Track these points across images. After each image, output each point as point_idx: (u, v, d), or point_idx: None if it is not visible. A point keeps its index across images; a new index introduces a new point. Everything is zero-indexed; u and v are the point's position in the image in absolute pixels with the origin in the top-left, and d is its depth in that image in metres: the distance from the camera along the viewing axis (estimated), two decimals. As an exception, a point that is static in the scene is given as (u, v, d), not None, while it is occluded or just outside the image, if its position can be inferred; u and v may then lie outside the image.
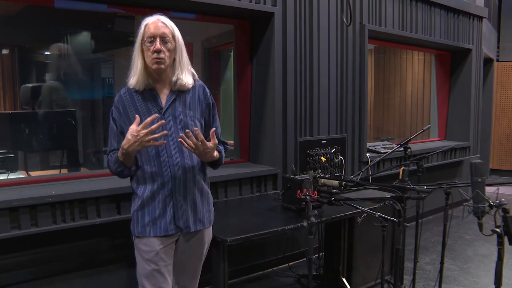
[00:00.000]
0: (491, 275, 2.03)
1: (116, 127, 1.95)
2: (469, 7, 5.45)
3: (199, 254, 2.07)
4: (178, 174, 1.91)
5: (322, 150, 3.76)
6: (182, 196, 1.94)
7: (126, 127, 1.87)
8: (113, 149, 1.95)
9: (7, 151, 3.20)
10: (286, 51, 3.49)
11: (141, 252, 1.95)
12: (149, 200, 1.92)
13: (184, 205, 1.94)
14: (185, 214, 1.95)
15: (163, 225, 1.92)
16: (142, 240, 1.94)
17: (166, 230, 1.92)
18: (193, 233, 2.00)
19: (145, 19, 1.92)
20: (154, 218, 1.92)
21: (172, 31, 1.90)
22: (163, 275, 1.94)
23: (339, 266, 3.08)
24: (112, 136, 1.96)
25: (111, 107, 1.98)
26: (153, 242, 1.92)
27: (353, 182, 2.76)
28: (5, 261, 2.47)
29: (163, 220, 1.92)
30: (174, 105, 1.95)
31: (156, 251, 1.92)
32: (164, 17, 1.92)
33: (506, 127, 7.70)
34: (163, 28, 1.87)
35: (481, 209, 1.85)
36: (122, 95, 1.96)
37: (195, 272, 2.12)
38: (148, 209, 1.92)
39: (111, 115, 1.96)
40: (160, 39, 1.85)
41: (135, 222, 1.96)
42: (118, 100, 1.96)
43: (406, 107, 6.46)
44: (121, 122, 1.94)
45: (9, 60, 5.06)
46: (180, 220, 1.94)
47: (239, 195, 3.31)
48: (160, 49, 1.83)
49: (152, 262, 1.92)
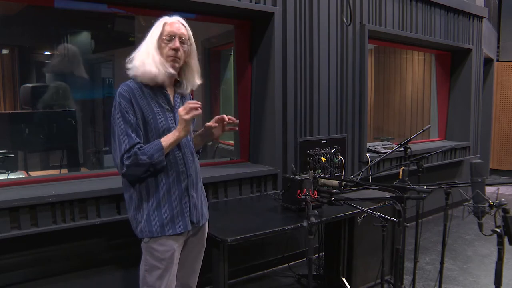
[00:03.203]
0: (491, 275, 2.03)
1: (136, 118, 1.84)
2: (469, 7, 5.45)
3: (201, 247, 2.13)
4: (191, 170, 1.96)
5: (322, 150, 3.76)
6: (195, 191, 1.99)
7: (139, 122, 1.84)
8: (136, 143, 1.81)
9: (7, 151, 3.20)
10: (286, 51, 3.49)
11: (155, 252, 1.90)
12: (166, 198, 1.89)
13: (196, 200, 1.99)
14: (197, 209, 2.00)
15: (181, 222, 1.92)
16: (159, 240, 1.89)
17: (185, 226, 1.93)
18: (199, 227, 2.06)
19: (163, 17, 1.94)
20: (172, 215, 1.90)
21: (189, 34, 1.95)
22: (174, 275, 1.96)
23: (339, 266, 3.09)
24: (131, 129, 1.81)
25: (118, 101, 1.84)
26: (170, 242, 1.90)
27: (353, 182, 2.75)
28: (5, 261, 2.47)
29: (181, 217, 1.92)
30: (180, 105, 1.97)
31: (173, 250, 1.91)
32: (183, 19, 1.96)
33: (506, 127, 7.70)
34: (182, 29, 1.92)
35: (481, 209, 1.85)
36: (133, 87, 1.86)
37: (197, 267, 2.15)
38: (165, 207, 1.89)
39: (122, 108, 1.82)
40: (179, 39, 1.88)
41: (152, 222, 1.87)
42: (129, 92, 1.85)
43: (406, 107, 6.46)
44: (135, 115, 1.84)
45: (9, 60, 5.06)
46: (194, 215, 1.98)
47: (239, 195, 3.31)
48: (179, 48, 1.87)
49: (166, 262, 1.91)
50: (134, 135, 1.82)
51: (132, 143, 1.81)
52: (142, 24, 4.33)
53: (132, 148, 1.80)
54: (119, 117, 1.83)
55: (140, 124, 1.85)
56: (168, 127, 1.90)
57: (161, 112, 1.90)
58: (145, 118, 1.86)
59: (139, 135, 1.84)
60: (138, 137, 1.83)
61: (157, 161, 1.82)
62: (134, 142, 1.81)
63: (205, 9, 3.20)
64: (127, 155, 1.80)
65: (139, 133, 1.85)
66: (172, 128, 1.90)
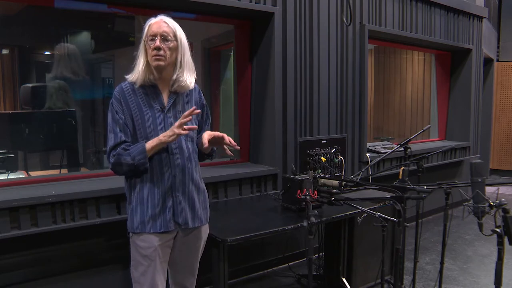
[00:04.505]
0: (491, 275, 2.03)
1: (125, 118, 1.93)
2: (469, 7, 5.45)
3: (196, 250, 2.11)
4: (178, 172, 1.96)
5: (322, 150, 3.76)
6: (181, 193, 1.98)
7: (127, 121, 1.92)
8: (122, 141, 1.90)
9: (7, 151, 3.20)
10: (286, 51, 3.49)
11: (138, 248, 1.95)
12: (149, 196, 1.94)
13: (183, 202, 1.98)
14: (184, 211, 1.98)
15: (163, 221, 1.94)
16: (140, 236, 1.95)
17: (166, 226, 1.94)
18: (191, 229, 2.04)
19: (150, 19, 1.96)
20: (153, 214, 1.93)
21: (174, 31, 1.93)
22: (158, 272, 1.96)
23: (339, 266, 3.09)
24: (118, 128, 1.91)
25: (111, 102, 1.96)
26: (151, 239, 1.93)
27: (353, 182, 2.76)
28: (5, 261, 2.47)
29: (162, 217, 1.94)
30: (175, 105, 2.00)
31: (154, 247, 1.93)
32: (168, 18, 1.96)
33: (506, 127, 7.70)
34: (164, 27, 1.92)
35: (481, 209, 1.85)
36: (124, 88, 1.95)
37: (193, 269, 2.14)
38: (147, 205, 1.94)
39: (113, 108, 1.93)
40: (161, 37, 1.89)
41: (134, 217, 1.95)
42: (120, 93, 1.95)
43: (406, 107, 6.46)
44: (124, 115, 1.93)
45: (9, 60, 5.06)
46: (179, 216, 1.97)
47: (239, 195, 3.31)
48: (160, 46, 1.88)
49: (149, 258, 1.93)
50: (121, 134, 1.91)
51: (117, 141, 1.90)
52: (142, 24, 4.32)
53: (118, 146, 1.90)
54: (109, 116, 1.94)
55: (128, 123, 1.92)
56: (155, 126, 1.93)
57: (149, 112, 1.94)
58: (133, 117, 1.93)
59: (126, 134, 1.92)
60: (126, 135, 1.92)
61: (139, 163, 1.88)
62: (119, 140, 1.90)
63: (205, 9, 3.20)
64: (113, 153, 1.90)
65: (127, 131, 1.92)
66: (159, 127, 1.93)
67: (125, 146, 1.90)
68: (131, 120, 1.92)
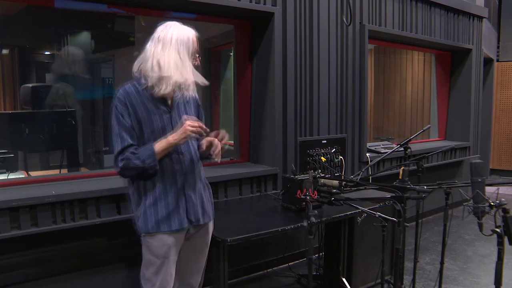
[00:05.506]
0: (491, 275, 2.03)
1: (131, 121, 1.90)
2: (469, 7, 5.45)
3: (205, 245, 2.16)
4: (188, 169, 2.00)
5: (322, 150, 3.76)
6: (192, 191, 2.02)
7: (133, 124, 1.91)
8: (129, 145, 1.89)
9: (7, 151, 3.21)
10: (286, 51, 3.49)
11: (152, 248, 1.96)
12: (162, 197, 1.95)
13: (194, 199, 2.03)
14: (196, 208, 2.03)
15: (177, 219, 1.97)
16: (155, 236, 1.95)
17: (181, 223, 1.97)
18: (201, 226, 2.08)
19: (188, 29, 2.05)
20: (168, 213, 1.95)
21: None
22: (169, 271, 1.99)
23: (339, 266, 3.09)
24: (125, 132, 1.89)
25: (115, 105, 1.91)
26: (165, 238, 1.96)
27: (353, 182, 2.76)
28: (5, 261, 2.47)
29: (177, 215, 1.97)
30: (179, 105, 2.03)
31: (168, 246, 1.96)
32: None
33: (506, 127, 7.70)
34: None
35: (481, 209, 1.85)
36: (129, 91, 1.92)
37: (200, 267, 2.17)
38: (161, 205, 1.95)
39: (118, 111, 1.90)
40: None
41: (148, 218, 1.94)
42: (125, 95, 1.91)
43: (406, 107, 6.46)
44: (130, 118, 1.91)
45: (9, 60, 5.06)
46: (192, 213, 2.01)
47: (239, 195, 3.31)
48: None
49: (161, 257, 1.96)
50: (127, 137, 1.89)
51: (124, 145, 1.88)
52: (142, 24, 4.33)
53: (126, 150, 1.88)
54: (114, 120, 1.91)
55: (134, 126, 1.91)
56: (163, 126, 1.94)
57: (156, 112, 1.94)
58: (139, 118, 1.91)
59: (133, 137, 1.91)
60: (132, 138, 1.91)
61: (149, 166, 1.88)
62: (126, 144, 1.89)
63: (205, 9, 3.20)
64: (120, 157, 1.88)
65: (133, 134, 1.92)
66: (167, 127, 1.94)
67: (133, 150, 1.89)
68: (137, 122, 1.91)
